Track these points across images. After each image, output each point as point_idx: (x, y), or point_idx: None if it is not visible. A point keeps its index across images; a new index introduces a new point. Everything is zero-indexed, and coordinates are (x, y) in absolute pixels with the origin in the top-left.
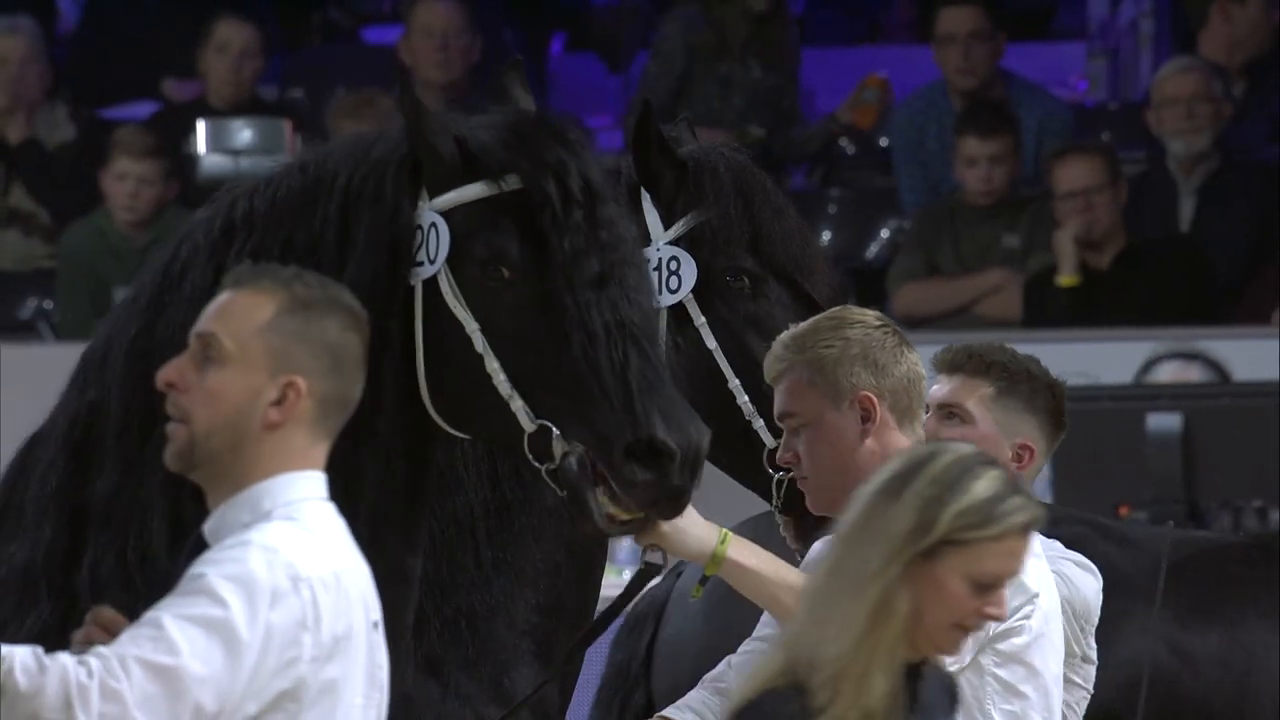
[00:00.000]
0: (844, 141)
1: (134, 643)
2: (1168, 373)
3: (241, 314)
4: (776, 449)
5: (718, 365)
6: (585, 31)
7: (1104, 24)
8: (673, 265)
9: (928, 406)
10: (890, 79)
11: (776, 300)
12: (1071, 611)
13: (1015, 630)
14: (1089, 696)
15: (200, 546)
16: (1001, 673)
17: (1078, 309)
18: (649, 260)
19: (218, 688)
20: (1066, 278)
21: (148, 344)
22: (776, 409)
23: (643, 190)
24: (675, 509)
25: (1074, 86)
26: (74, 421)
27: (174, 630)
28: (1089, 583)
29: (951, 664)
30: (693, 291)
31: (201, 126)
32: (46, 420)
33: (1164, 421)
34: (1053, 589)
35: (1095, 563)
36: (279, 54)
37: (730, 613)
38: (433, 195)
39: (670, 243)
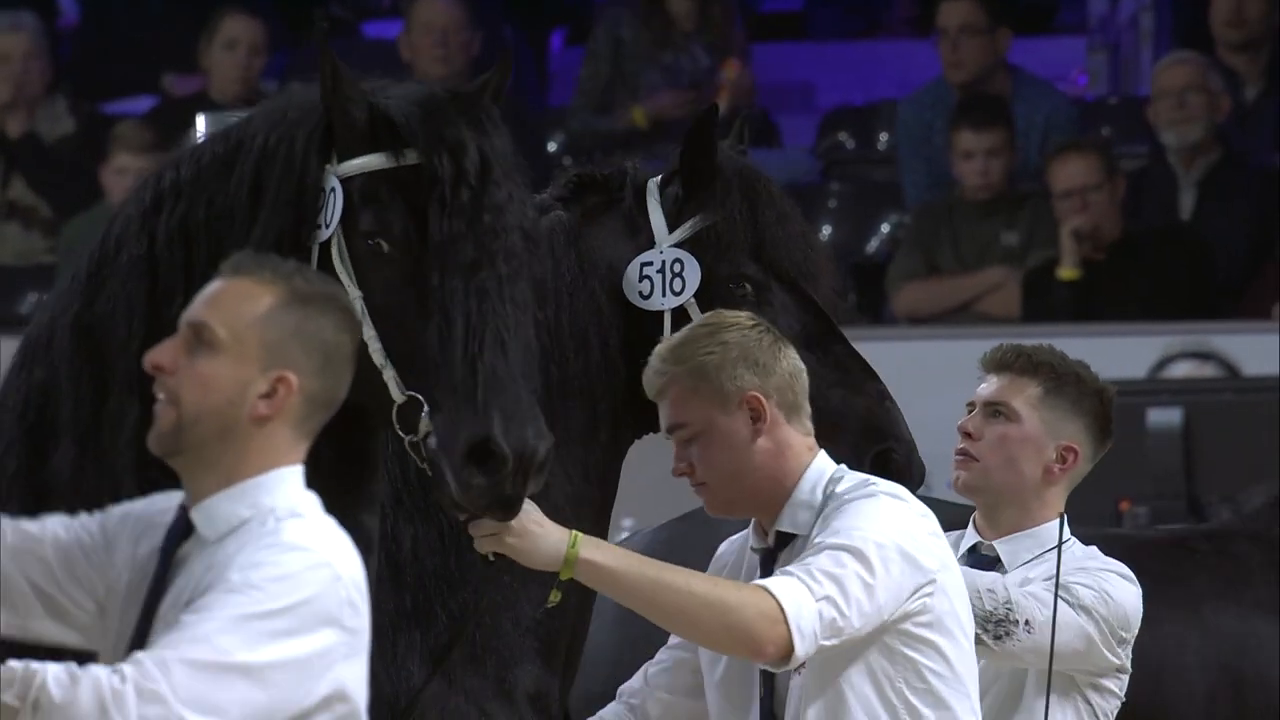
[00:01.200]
0: (843, 135)
1: (173, 646)
2: (1181, 373)
3: (237, 303)
4: None
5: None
6: (585, 27)
7: (1104, 19)
8: (676, 268)
9: (973, 404)
10: (892, 73)
11: (780, 306)
12: (1108, 626)
13: (918, 610)
14: (1121, 703)
15: (187, 528)
16: (911, 653)
17: (1077, 304)
18: (652, 261)
19: (267, 678)
20: (1067, 271)
21: (90, 319)
22: (664, 423)
23: (648, 192)
24: (508, 514)
25: (1074, 81)
26: (25, 403)
27: (217, 628)
28: (1130, 595)
29: (832, 643)
30: (694, 295)
31: (201, 121)
32: None
33: (1165, 416)
34: (954, 567)
35: None
36: (280, 49)
37: (644, 622)
38: (340, 159)
39: (674, 245)
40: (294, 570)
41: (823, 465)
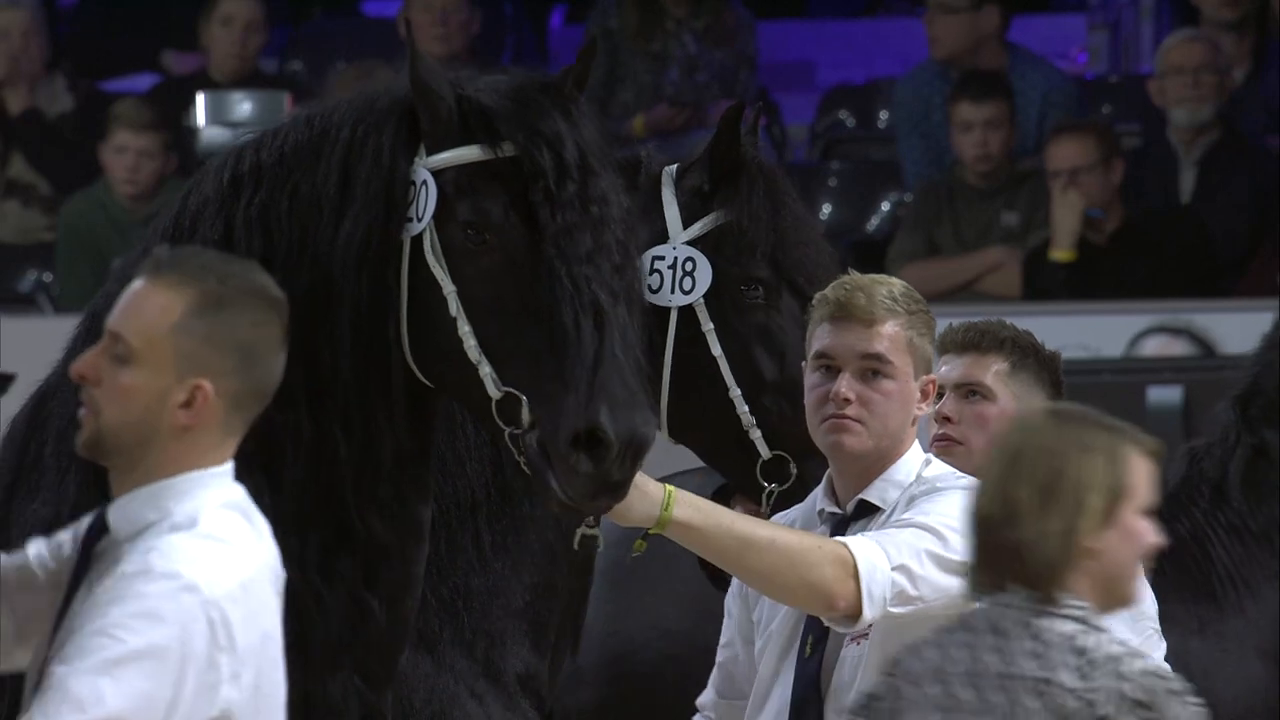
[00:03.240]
0: (844, 114)
1: (56, 706)
2: (1154, 347)
3: (150, 313)
4: (771, 460)
5: (719, 372)
6: (585, 4)
7: None
8: (688, 266)
9: (943, 387)
10: (893, 51)
11: (788, 313)
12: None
13: None
14: None
15: (103, 528)
16: None
17: (1078, 283)
18: (664, 256)
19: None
20: (1062, 252)
21: None
22: (865, 347)
23: (663, 181)
24: (614, 500)
25: (1074, 59)
26: None
27: (85, 686)
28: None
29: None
30: (704, 295)
31: (201, 99)
32: (53, 375)
33: (1164, 395)
34: None
35: None
36: (280, 27)
37: (632, 594)
38: (429, 152)
39: (688, 242)
40: (161, 606)
41: (918, 451)
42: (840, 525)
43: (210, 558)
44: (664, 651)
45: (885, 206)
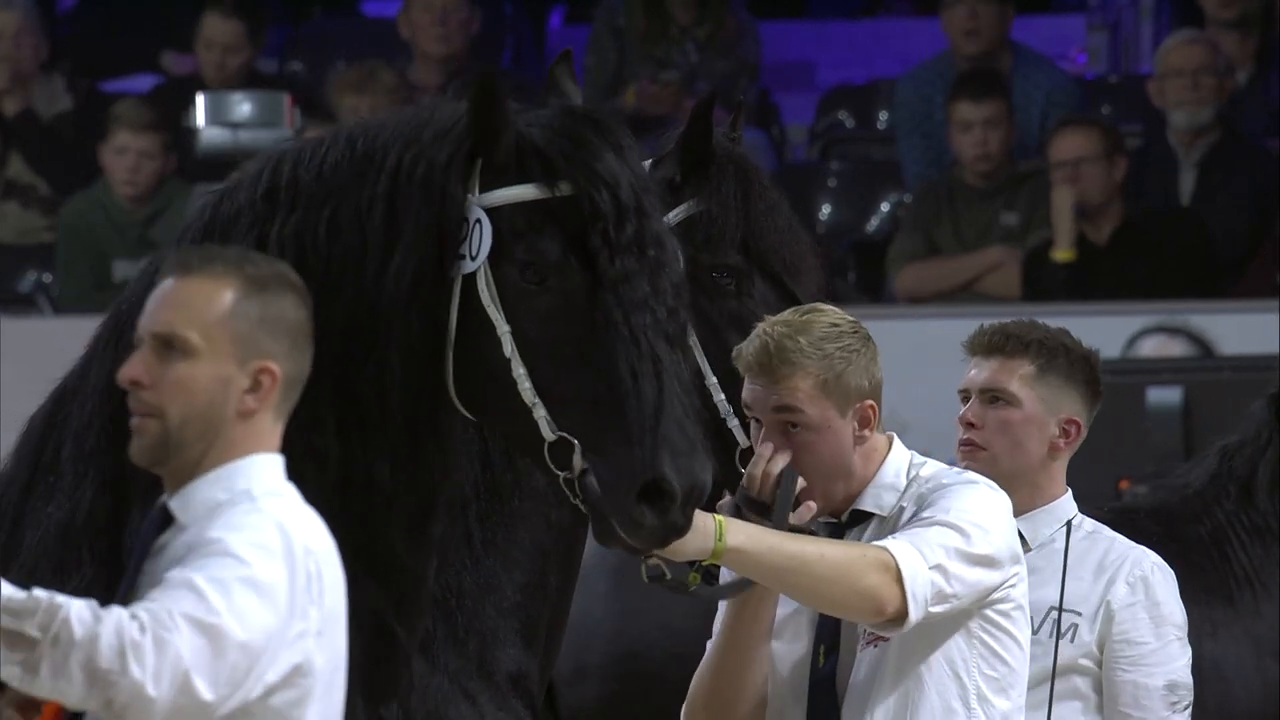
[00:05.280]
0: (843, 114)
1: (175, 600)
2: (1153, 347)
3: (200, 303)
4: (748, 448)
5: (695, 360)
6: (585, 4)
7: None
8: None
9: (969, 392)
10: (893, 51)
11: (761, 299)
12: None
13: (1001, 599)
14: None
15: (166, 520)
16: (988, 639)
17: (1077, 283)
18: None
19: (250, 646)
20: (1062, 252)
21: None
22: (776, 402)
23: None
24: (675, 540)
25: (1074, 59)
26: (112, 378)
27: (209, 589)
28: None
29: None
30: None
31: (201, 100)
32: (73, 375)
33: (1164, 395)
34: (1024, 563)
35: None
36: (280, 27)
37: (639, 593)
38: (483, 189)
39: None
40: (272, 540)
41: (901, 450)
42: (836, 532)
43: (303, 518)
44: (670, 650)
45: (885, 206)
